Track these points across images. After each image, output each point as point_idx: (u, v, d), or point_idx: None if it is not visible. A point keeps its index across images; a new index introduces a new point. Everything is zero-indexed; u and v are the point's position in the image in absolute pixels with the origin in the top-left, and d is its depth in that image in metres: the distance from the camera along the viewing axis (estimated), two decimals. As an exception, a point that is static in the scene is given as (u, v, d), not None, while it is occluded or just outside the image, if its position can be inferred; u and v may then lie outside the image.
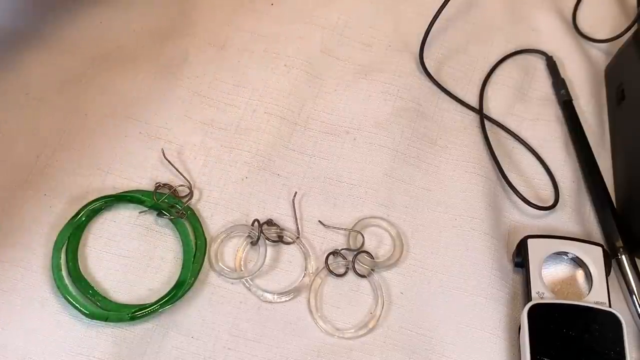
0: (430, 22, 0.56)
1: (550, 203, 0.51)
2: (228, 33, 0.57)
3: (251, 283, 0.47)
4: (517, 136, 0.54)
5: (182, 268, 0.46)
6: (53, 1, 0.56)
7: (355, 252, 0.48)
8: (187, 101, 0.53)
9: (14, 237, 0.46)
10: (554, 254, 0.48)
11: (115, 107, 0.52)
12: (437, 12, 0.55)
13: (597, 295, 0.46)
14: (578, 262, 0.48)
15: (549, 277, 0.48)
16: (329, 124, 0.53)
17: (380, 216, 0.50)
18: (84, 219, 0.47)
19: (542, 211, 0.51)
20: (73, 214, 0.47)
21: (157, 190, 0.49)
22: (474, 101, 0.56)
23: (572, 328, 0.44)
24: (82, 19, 0.56)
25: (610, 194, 0.51)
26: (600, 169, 0.52)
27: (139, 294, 0.46)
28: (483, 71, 0.58)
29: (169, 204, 0.48)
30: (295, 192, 0.50)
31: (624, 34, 0.56)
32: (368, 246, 0.49)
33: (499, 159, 0.53)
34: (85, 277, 0.46)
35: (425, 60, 0.56)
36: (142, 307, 0.44)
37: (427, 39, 0.56)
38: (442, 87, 0.56)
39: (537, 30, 0.60)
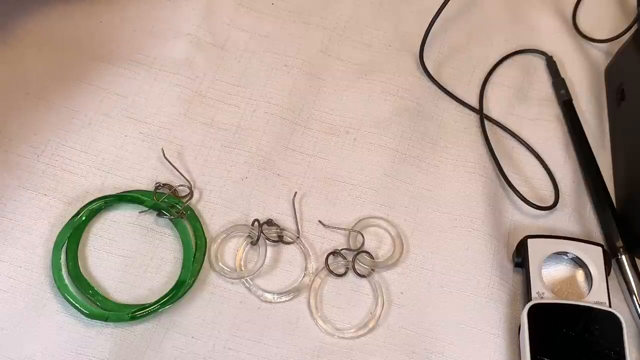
0: (430, 22, 0.56)
1: (550, 203, 0.51)
2: (228, 33, 0.57)
3: (251, 283, 0.47)
4: (517, 136, 0.55)
5: (182, 268, 0.46)
6: (53, 1, 0.56)
7: (355, 252, 0.48)
8: (187, 101, 0.53)
9: (14, 237, 0.46)
10: (554, 254, 0.48)
11: (115, 107, 0.52)
12: (437, 12, 0.55)
13: (597, 295, 0.46)
14: (578, 262, 0.48)
15: (549, 277, 0.48)
16: (329, 124, 0.53)
17: (380, 216, 0.50)
18: (84, 219, 0.47)
19: (542, 211, 0.51)
20: (73, 214, 0.47)
21: (157, 190, 0.49)
22: (474, 101, 0.56)
23: (572, 328, 0.44)
24: (82, 19, 0.56)
25: (610, 194, 0.51)
26: (600, 169, 0.52)
27: (139, 294, 0.46)
28: (483, 71, 0.58)
29: (169, 204, 0.48)
30: (295, 192, 0.50)
31: (624, 34, 0.56)
32: (368, 246, 0.49)
33: (499, 159, 0.53)
34: (85, 277, 0.46)
35: (425, 60, 0.56)
36: (142, 307, 0.44)
37: (427, 39, 0.56)
38: (442, 87, 0.56)
39: (537, 30, 0.60)
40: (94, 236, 0.47)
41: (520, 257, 0.48)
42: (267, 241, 0.48)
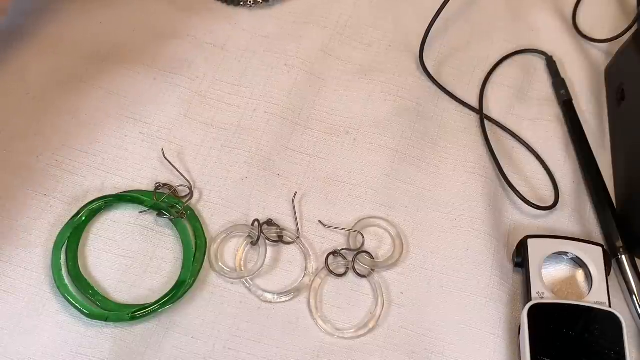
0: (430, 22, 0.56)
1: (550, 203, 0.51)
2: (228, 33, 0.57)
3: (251, 283, 0.47)
4: (517, 136, 0.54)
5: (182, 268, 0.46)
6: (53, 1, 0.56)
7: (355, 252, 0.48)
8: (187, 101, 0.53)
9: (14, 237, 0.46)
10: (554, 254, 0.48)
11: (115, 107, 0.52)
12: (437, 12, 0.55)
13: (597, 295, 0.46)
14: (578, 262, 0.48)
15: (549, 277, 0.48)
16: (329, 124, 0.53)
17: (380, 216, 0.50)
18: (84, 219, 0.47)
19: (542, 211, 0.51)
20: (73, 214, 0.47)
21: (157, 190, 0.49)
22: (474, 101, 0.56)
23: (572, 328, 0.44)
24: (82, 19, 0.56)
25: (610, 194, 0.51)
26: (600, 169, 0.52)
27: (139, 294, 0.46)
28: (483, 71, 0.58)
29: (169, 204, 0.48)
30: (295, 192, 0.50)
31: (624, 34, 0.56)
32: (368, 246, 0.49)
33: (499, 159, 0.53)
34: (85, 277, 0.46)
35: (425, 60, 0.56)
36: (142, 307, 0.44)
37: (427, 39, 0.56)
38: (442, 87, 0.56)
39: (537, 30, 0.60)
40: (94, 236, 0.47)
41: (520, 257, 0.48)
42: (267, 241, 0.48)
